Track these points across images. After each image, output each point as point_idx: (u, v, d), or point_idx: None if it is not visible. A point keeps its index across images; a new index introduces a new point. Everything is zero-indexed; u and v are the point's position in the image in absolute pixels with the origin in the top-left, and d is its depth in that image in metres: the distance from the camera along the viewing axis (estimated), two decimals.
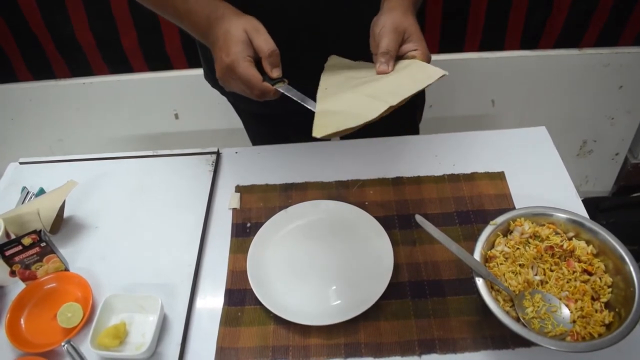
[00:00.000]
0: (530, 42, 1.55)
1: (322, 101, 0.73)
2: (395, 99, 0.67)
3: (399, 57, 0.76)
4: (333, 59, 0.85)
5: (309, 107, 0.72)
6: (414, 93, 0.69)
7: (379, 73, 0.74)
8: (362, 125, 0.66)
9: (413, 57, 0.74)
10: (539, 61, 1.58)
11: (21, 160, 1.12)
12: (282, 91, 0.73)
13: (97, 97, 1.66)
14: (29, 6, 1.45)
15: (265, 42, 0.72)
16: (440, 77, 0.71)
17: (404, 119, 1.20)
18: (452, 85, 1.65)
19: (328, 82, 0.78)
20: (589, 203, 1.69)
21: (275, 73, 0.74)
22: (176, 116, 1.71)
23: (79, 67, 1.61)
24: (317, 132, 0.66)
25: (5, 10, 1.46)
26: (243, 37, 0.73)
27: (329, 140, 1.17)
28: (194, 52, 1.12)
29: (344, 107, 0.71)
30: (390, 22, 0.74)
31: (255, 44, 0.73)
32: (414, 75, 0.72)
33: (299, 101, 0.73)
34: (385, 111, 0.67)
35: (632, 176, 1.88)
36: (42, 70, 1.61)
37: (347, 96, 0.73)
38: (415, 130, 1.24)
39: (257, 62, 0.74)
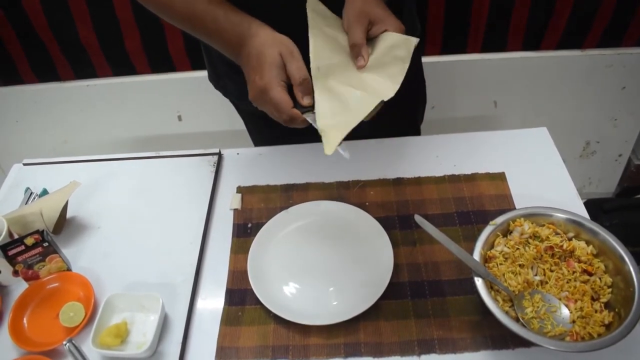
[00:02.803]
0: (532, 43, 1.55)
1: (318, 92, 0.74)
2: (388, 94, 0.72)
3: (373, 39, 0.77)
4: (312, 2, 0.81)
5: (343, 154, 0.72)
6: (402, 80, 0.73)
7: (358, 69, 0.76)
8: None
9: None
10: (542, 62, 1.58)
11: (25, 161, 1.13)
12: (309, 120, 0.72)
13: (101, 99, 1.67)
14: (34, 9, 1.46)
15: (297, 70, 0.72)
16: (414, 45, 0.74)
17: (405, 120, 1.20)
18: (454, 87, 1.65)
19: (318, 54, 0.77)
20: (592, 204, 1.70)
21: (306, 101, 0.73)
22: (179, 118, 1.72)
23: (83, 69, 1.62)
24: (328, 149, 0.69)
25: (10, 13, 1.48)
26: (278, 60, 0.72)
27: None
28: (197, 54, 1.12)
29: (340, 110, 0.72)
30: (352, 13, 0.75)
31: (288, 70, 0.73)
32: (390, 58, 0.75)
33: (339, 150, 0.71)
34: (378, 104, 0.71)
35: (636, 177, 1.87)
36: (46, 73, 1.63)
37: (340, 92, 0.74)
38: (416, 131, 1.24)
39: (290, 87, 0.74)
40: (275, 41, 0.74)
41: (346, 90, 0.75)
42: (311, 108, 0.73)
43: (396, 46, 0.75)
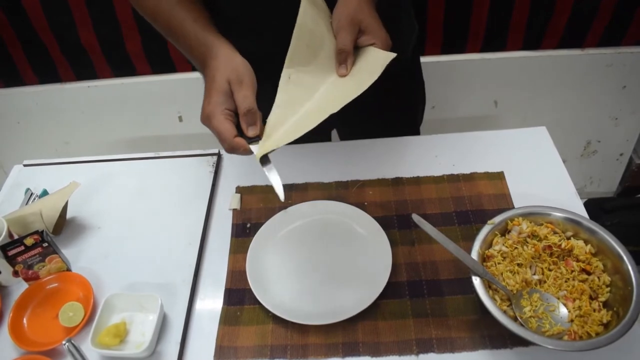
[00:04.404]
0: (532, 42, 1.55)
1: (280, 98, 0.74)
2: (336, 106, 0.69)
3: (357, 47, 0.76)
4: None
5: (269, 177, 0.70)
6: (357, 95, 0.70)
7: (339, 76, 0.75)
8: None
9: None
10: (542, 62, 1.57)
11: (25, 162, 1.13)
12: (253, 151, 0.70)
13: (102, 100, 1.67)
14: (35, 11, 1.47)
15: (243, 99, 0.69)
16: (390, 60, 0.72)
17: (405, 120, 1.20)
18: (454, 87, 1.65)
19: (294, 59, 0.76)
20: (593, 204, 1.70)
21: (251, 132, 0.70)
22: (180, 119, 1.72)
23: (84, 71, 1.62)
24: (258, 154, 0.68)
25: (12, 15, 1.49)
26: (225, 88, 0.70)
27: (329, 141, 1.17)
28: None
29: (287, 121, 0.72)
30: (345, 16, 0.74)
31: (235, 98, 0.70)
32: (365, 72, 0.73)
33: (264, 169, 0.70)
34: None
35: (637, 177, 1.87)
36: (47, 74, 1.63)
37: (299, 102, 0.74)
38: (415, 132, 1.24)
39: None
40: (227, 66, 0.72)
41: (305, 102, 0.74)
42: (257, 138, 0.71)
43: (375, 61, 0.73)
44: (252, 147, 0.70)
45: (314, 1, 0.78)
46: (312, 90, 0.75)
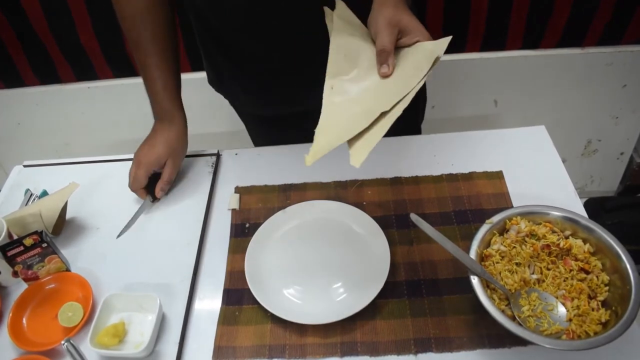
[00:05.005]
0: (532, 41, 1.55)
1: (325, 108, 0.73)
2: (388, 104, 0.70)
3: (401, 48, 0.75)
4: (340, 8, 0.81)
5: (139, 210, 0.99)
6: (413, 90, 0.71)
7: (381, 76, 0.74)
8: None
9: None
10: (542, 61, 1.57)
11: (25, 162, 1.13)
12: (146, 201, 0.99)
13: (102, 101, 1.68)
14: (35, 12, 1.47)
15: (169, 174, 0.98)
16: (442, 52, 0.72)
17: (405, 118, 1.20)
18: (454, 86, 1.64)
19: (335, 71, 0.75)
20: (594, 203, 1.69)
21: (158, 194, 0.99)
22: None
23: (84, 72, 1.63)
24: (308, 160, 0.70)
25: (12, 16, 1.49)
26: (162, 161, 0.98)
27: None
28: (197, 56, 1.13)
29: (336, 128, 0.72)
30: (382, 19, 0.74)
31: (164, 169, 0.98)
32: (411, 67, 0.73)
33: (133, 219, 0.97)
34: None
35: (638, 175, 1.87)
36: (47, 75, 1.64)
37: (347, 111, 0.73)
38: (417, 130, 1.24)
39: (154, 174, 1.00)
40: (172, 145, 0.98)
41: (352, 106, 0.74)
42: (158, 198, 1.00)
43: (422, 53, 0.72)
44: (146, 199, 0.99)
45: (345, 17, 0.78)
46: (358, 95, 0.74)
